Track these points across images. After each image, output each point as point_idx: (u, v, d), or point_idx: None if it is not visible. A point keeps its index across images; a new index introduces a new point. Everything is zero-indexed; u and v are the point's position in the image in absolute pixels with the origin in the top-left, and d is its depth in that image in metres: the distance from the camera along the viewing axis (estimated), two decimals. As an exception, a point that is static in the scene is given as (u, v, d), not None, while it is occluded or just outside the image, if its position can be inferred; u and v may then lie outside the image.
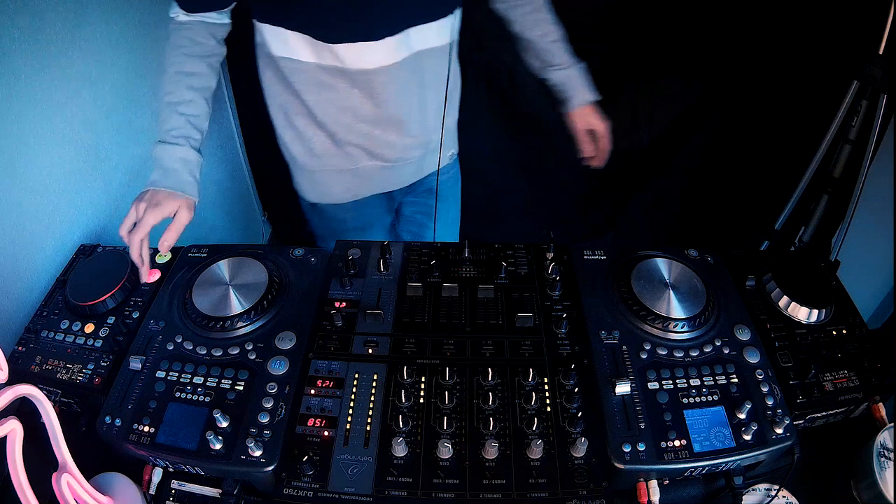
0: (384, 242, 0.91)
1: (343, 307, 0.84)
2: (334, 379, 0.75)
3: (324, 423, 0.71)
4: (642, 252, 0.89)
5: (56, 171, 0.96)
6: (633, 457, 0.68)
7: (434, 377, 0.75)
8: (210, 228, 1.57)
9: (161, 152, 0.91)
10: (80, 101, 1.00)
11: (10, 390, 0.57)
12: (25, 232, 0.90)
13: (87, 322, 0.83)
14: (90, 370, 0.78)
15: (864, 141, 1.24)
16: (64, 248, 0.97)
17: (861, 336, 0.82)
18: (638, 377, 0.75)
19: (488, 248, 0.93)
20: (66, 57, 0.96)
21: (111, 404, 0.72)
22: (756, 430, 0.69)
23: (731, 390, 0.74)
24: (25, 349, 0.81)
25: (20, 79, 0.87)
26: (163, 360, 0.76)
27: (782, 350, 0.79)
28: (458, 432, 0.70)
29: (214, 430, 0.69)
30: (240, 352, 0.77)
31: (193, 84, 0.93)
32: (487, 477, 0.67)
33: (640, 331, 0.80)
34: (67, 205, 1.00)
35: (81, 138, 1.02)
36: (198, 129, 0.94)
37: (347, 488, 0.66)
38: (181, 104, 0.92)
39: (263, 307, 0.81)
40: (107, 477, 0.72)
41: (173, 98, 0.92)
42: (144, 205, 0.86)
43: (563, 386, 0.75)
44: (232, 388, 0.74)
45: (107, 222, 1.10)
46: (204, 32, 0.94)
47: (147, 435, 0.70)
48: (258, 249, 0.91)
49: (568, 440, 0.70)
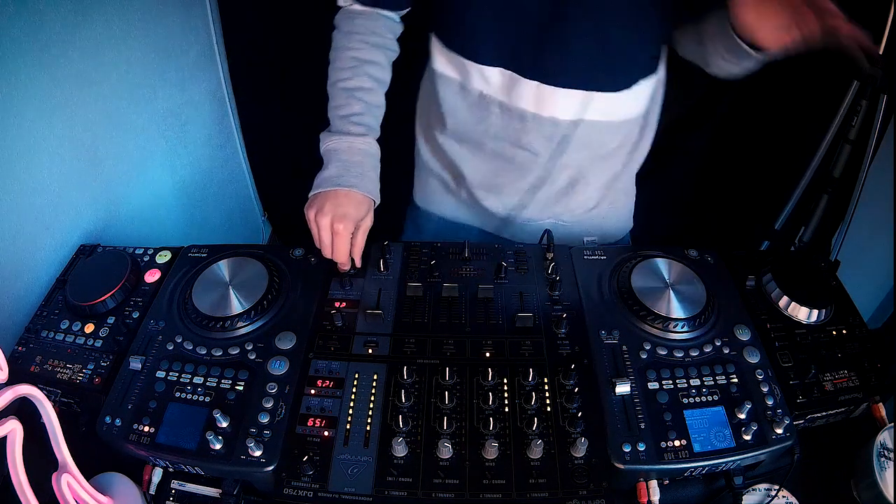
0: (384, 242, 0.91)
1: (343, 307, 0.84)
2: (334, 379, 0.75)
3: (324, 423, 0.71)
4: (642, 252, 0.89)
5: (56, 171, 0.96)
6: (633, 457, 0.68)
7: (434, 377, 0.75)
8: (210, 228, 1.57)
9: (338, 143, 0.80)
10: (80, 101, 1.00)
11: (10, 390, 0.57)
12: (25, 232, 0.90)
13: (87, 322, 0.83)
14: (90, 370, 0.78)
15: (864, 141, 1.24)
16: (64, 248, 0.97)
17: (861, 336, 0.82)
18: (638, 377, 0.75)
19: (488, 248, 0.93)
20: (66, 57, 0.96)
21: (111, 404, 0.72)
22: (756, 430, 0.69)
23: (731, 390, 0.74)
24: (25, 349, 0.81)
25: (20, 79, 0.87)
26: (163, 360, 0.76)
27: (782, 350, 0.79)
28: (458, 432, 0.70)
29: (214, 430, 0.69)
30: (240, 352, 0.77)
31: (372, 73, 0.84)
32: (487, 477, 0.67)
33: (640, 331, 0.80)
34: (67, 205, 1.00)
35: (81, 138, 1.02)
36: (378, 121, 0.84)
37: (347, 488, 0.66)
38: (361, 90, 0.82)
39: (263, 307, 0.81)
40: (107, 477, 0.72)
41: (351, 84, 0.82)
42: (329, 218, 0.76)
43: (563, 386, 0.75)
44: (232, 388, 0.74)
45: (107, 222, 1.10)
46: (381, 24, 0.87)
47: (147, 435, 0.70)
48: (258, 249, 0.91)
49: (568, 440, 0.70)
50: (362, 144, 0.82)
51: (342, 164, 0.80)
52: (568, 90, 0.82)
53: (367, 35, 0.85)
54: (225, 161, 1.63)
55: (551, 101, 0.84)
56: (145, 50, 1.18)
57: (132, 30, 1.13)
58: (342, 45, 0.85)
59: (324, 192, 0.79)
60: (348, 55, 0.84)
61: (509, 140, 0.91)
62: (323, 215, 0.78)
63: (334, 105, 0.84)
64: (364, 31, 0.85)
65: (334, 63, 0.86)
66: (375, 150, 0.84)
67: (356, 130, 0.81)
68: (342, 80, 0.84)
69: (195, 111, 1.40)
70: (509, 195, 1.00)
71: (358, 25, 0.86)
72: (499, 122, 0.89)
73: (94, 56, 1.03)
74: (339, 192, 0.79)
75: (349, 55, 0.84)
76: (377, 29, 0.87)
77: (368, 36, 0.85)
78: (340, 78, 0.84)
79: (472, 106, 0.90)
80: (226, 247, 0.92)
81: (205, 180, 1.51)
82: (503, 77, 0.84)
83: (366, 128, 0.82)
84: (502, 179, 0.98)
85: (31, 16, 0.87)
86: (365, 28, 0.86)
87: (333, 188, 0.79)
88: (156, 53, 1.21)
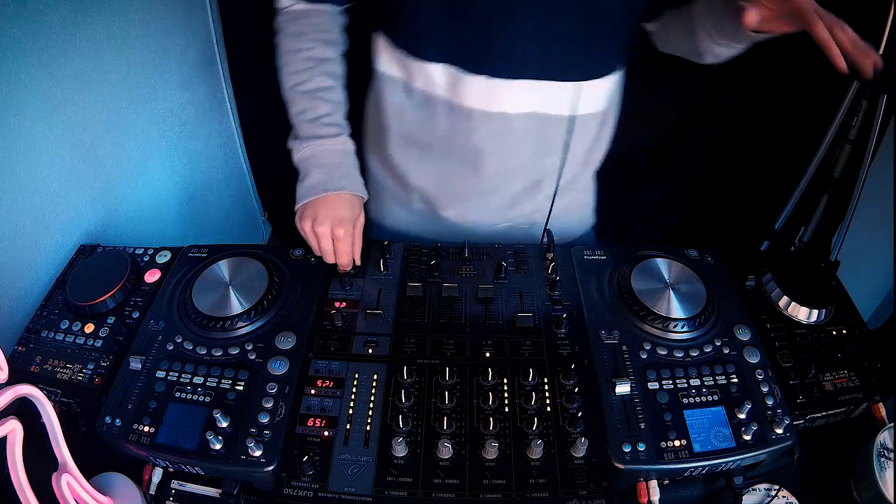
0: (384, 242, 0.91)
1: (343, 307, 0.84)
2: (334, 379, 0.75)
3: (324, 423, 0.71)
4: (642, 252, 0.89)
5: (56, 170, 0.96)
6: (633, 457, 0.68)
7: (434, 377, 0.75)
8: (210, 228, 1.57)
9: (314, 149, 0.78)
10: (80, 101, 1.00)
11: (10, 390, 0.57)
12: (25, 232, 0.90)
13: (87, 322, 0.83)
14: (90, 370, 0.78)
15: (864, 141, 1.24)
16: (64, 248, 0.97)
17: (861, 336, 0.82)
18: (638, 377, 0.75)
19: (488, 248, 0.93)
20: (66, 57, 0.96)
21: (111, 404, 0.72)
22: (756, 430, 0.69)
23: (731, 390, 0.74)
24: (25, 349, 0.81)
25: (20, 79, 0.86)
26: (163, 360, 0.76)
27: (782, 350, 0.79)
28: (458, 432, 0.70)
29: (214, 430, 0.69)
30: (240, 352, 0.77)
31: (329, 70, 0.82)
32: (487, 477, 0.67)
33: (640, 331, 0.80)
34: (67, 205, 1.00)
35: (81, 138, 1.02)
36: (346, 117, 0.82)
37: (347, 488, 0.66)
38: (323, 91, 0.80)
39: (263, 307, 0.81)
40: (107, 477, 0.72)
41: (311, 85, 0.80)
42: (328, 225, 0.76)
43: (563, 386, 0.75)
44: (232, 388, 0.74)
45: (107, 222, 1.10)
46: (328, 20, 0.84)
47: (147, 435, 0.70)
48: (258, 249, 0.91)
49: (568, 440, 0.70)
50: (338, 145, 0.81)
51: (324, 169, 0.79)
52: (516, 81, 0.80)
53: (317, 33, 0.83)
54: (225, 161, 1.63)
55: (499, 94, 0.81)
56: (145, 50, 1.18)
57: (132, 30, 1.13)
58: (292, 47, 0.83)
59: (313, 201, 0.79)
60: (301, 56, 0.82)
61: (458, 141, 0.88)
62: (320, 224, 0.78)
63: (298, 110, 0.82)
64: (312, 30, 0.83)
65: (287, 67, 0.83)
66: (351, 147, 0.83)
67: (329, 132, 0.80)
68: (300, 84, 0.81)
69: (195, 111, 1.40)
70: (462, 200, 0.96)
71: (304, 25, 0.83)
72: (445, 122, 0.86)
73: (94, 56, 1.03)
74: (330, 196, 0.78)
75: (302, 56, 0.82)
76: (325, 25, 0.84)
77: (318, 34, 0.83)
78: (298, 81, 0.81)
79: (417, 107, 0.87)
80: (226, 247, 0.92)
81: (205, 180, 1.51)
82: (446, 74, 0.81)
83: (337, 127, 0.81)
84: (454, 184, 0.94)
85: (31, 16, 0.87)
86: (313, 26, 0.83)
87: (322, 194, 0.78)
88: (156, 53, 1.21)
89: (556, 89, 0.82)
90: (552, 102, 0.83)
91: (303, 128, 0.81)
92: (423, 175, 0.96)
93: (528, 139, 0.87)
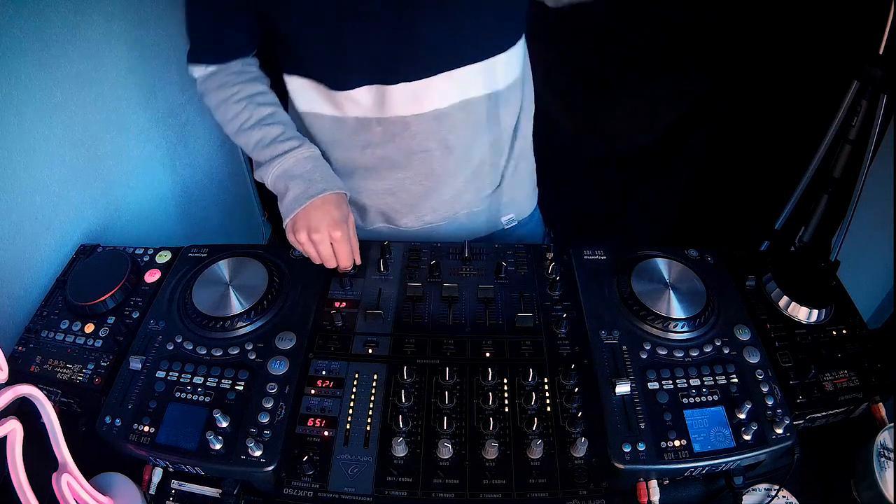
0: (384, 242, 0.91)
1: (343, 307, 0.84)
2: (334, 379, 0.75)
3: (324, 423, 0.71)
4: (642, 252, 0.89)
5: (56, 171, 0.96)
6: (633, 457, 0.68)
7: (434, 377, 0.75)
8: (210, 228, 1.57)
9: (283, 164, 0.80)
10: (79, 101, 1.00)
11: (10, 390, 0.57)
12: (25, 232, 0.90)
13: (87, 322, 0.83)
14: (90, 370, 0.78)
15: (864, 141, 1.24)
16: (64, 248, 0.97)
17: (861, 336, 0.82)
18: (638, 377, 0.75)
19: (488, 248, 0.93)
20: (66, 57, 0.96)
21: (111, 404, 0.72)
22: (756, 430, 0.69)
23: (731, 390, 0.74)
24: (25, 349, 0.81)
25: (20, 79, 0.87)
26: (163, 360, 0.76)
27: (782, 350, 0.79)
28: (458, 432, 0.70)
29: (214, 430, 0.69)
30: (240, 352, 0.77)
31: (263, 101, 0.85)
32: (487, 477, 0.67)
33: (640, 331, 0.80)
34: (67, 205, 1.00)
35: (81, 138, 1.02)
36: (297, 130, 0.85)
37: (347, 488, 0.66)
38: (266, 119, 0.83)
39: (263, 307, 0.81)
40: (107, 477, 0.72)
41: (253, 120, 0.83)
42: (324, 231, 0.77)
43: (563, 386, 0.75)
44: (232, 388, 0.74)
45: (107, 222, 1.10)
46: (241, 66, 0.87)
47: (147, 435, 0.70)
48: (258, 249, 0.91)
49: (568, 440, 0.70)
50: (305, 153, 0.82)
51: (300, 179, 0.80)
52: (436, 77, 0.82)
53: (237, 77, 0.85)
54: (225, 161, 1.63)
55: (426, 94, 0.83)
56: (145, 50, 1.18)
57: (132, 30, 1.13)
58: (221, 98, 0.85)
59: (301, 211, 0.79)
60: (232, 101, 0.84)
61: (400, 152, 0.89)
62: (315, 231, 0.78)
63: (252, 144, 0.83)
64: (233, 79, 0.85)
65: (225, 117, 0.85)
66: (317, 152, 0.84)
67: (290, 146, 0.81)
68: (244, 123, 0.83)
69: (195, 111, 1.40)
70: (416, 205, 0.98)
71: (223, 78, 0.86)
72: (382, 138, 0.88)
73: (94, 56, 1.03)
74: (316, 201, 0.79)
75: (233, 101, 0.84)
76: (241, 70, 0.87)
77: (238, 77, 0.86)
78: (240, 122, 0.83)
79: (351, 134, 0.88)
80: (226, 247, 0.92)
81: (205, 180, 1.51)
82: (370, 94, 0.83)
83: (296, 140, 0.82)
84: (404, 193, 0.95)
85: (31, 16, 0.87)
86: (232, 76, 0.86)
87: (307, 202, 0.79)
88: (156, 53, 1.21)
89: (475, 71, 0.84)
90: (475, 84, 0.86)
91: (264, 154, 0.82)
92: (371, 194, 0.97)
93: (464, 126, 0.89)
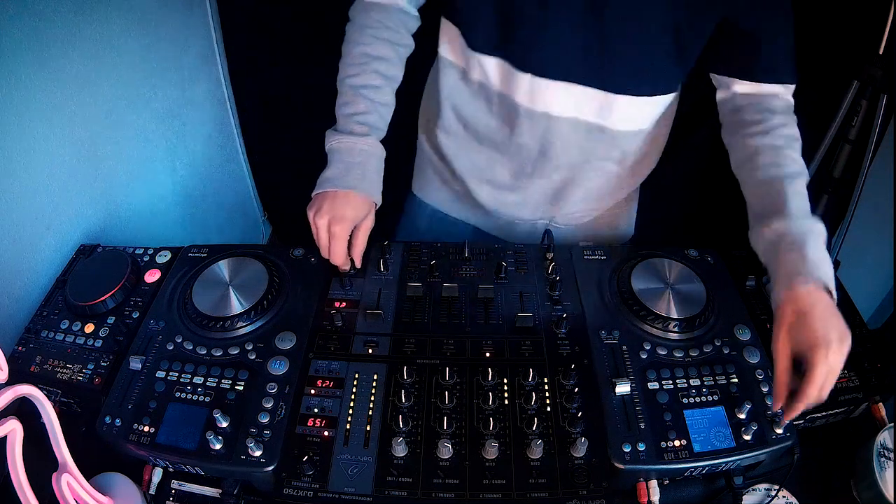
0: (384, 242, 0.91)
1: (343, 307, 0.84)
2: (334, 379, 0.75)
3: (324, 423, 0.71)
4: (642, 252, 0.89)
5: (56, 171, 0.96)
6: (633, 457, 0.68)
7: (434, 377, 0.75)
8: (210, 228, 1.58)
9: (340, 143, 0.79)
10: (79, 101, 1.00)
11: (10, 390, 0.57)
12: (25, 232, 0.90)
13: (87, 322, 0.83)
14: (90, 370, 0.78)
15: (864, 141, 1.24)
16: (64, 248, 0.97)
17: (861, 336, 0.82)
18: (638, 377, 0.75)
19: (488, 248, 0.93)
20: (66, 57, 0.96)
21: (111, 404, 0.72)
22: (756, 430, 0.69)
23: (731, 390, 0.74)
24: (25, 349, 0.81)
25: (20, 79, 0.87)
26: (163, 360, 0.76)
27: (782, 350, 0.79)
28: (458, 432, 0.70)
29: (214, 430, 0.69)
30: (240, 352, 0.77)
31: (381, 70, 0.82)
32: (487, 477, 0.67)
33: (640, 331, 0.80)
34: (67, 205, 1.00)
35: (81, 138, 1.02)
36: (384, 120, 0.83)
37: (347, 488, 0.66)
38: (367, 88, 0.81)
39: (263, 307, 0.81)
40: (107, 477, 0.72)
41: (358, 81, 0.81)
42: (326, 219, 0.77)
43: (563, 386, 0.75)
44: (232, 388, 0.74)
45: (107, 222, 1.10)
46: (396, 18, 0.85)
47: (147, 435, 0.70)
48: (258, 249, 0.91)
49: (568, 440, 0.70)
50: (364, 145, 0.80)
51: (344, 165, 0.79)
52: (558, 82, 0.80)
53: (379, 30, 0.83)
54: (225, 161, 1.64)
55: (543, 94, 0.82)
56: (145, 50, 1.18)
57: (132, 30, 1.13)
58: (353, 39, 0.83)
59: (323, 193, 0.79)
60: (358, 51, 0.82)
61: (503, 132, 0.91)
62: (321, 216, 0.78)
63: (341, 102, 0.83)
64: (376, 26, 0.83)
65: (344, 58, 0.84)
66: (378, 150, 0.82)
67: (359, 130, 0.80)
68: (350, 77, 0.82)
69: (195, 111, 1.41)
70: (500, 188, 1.00)
71: (371, 19, 0.83)
72: (497, 113, 0.89)
73: (94, 56, 1.03)
74: (339, 193, 0.78)
75: (359, 51, 0.82)
76: (390, 23, 0.84)
77: (380, 31, 0.83)
78: (349, 74, 0.82)
79: (472, 95, 0.90)
80: (226, 247, 0.92)
81: (205, 180, 1.51)
82: (499, 68, 0.83)
83: (369, 127, 0.81)
84: (495, 171, 0.97)
85: (31, 16, 0.87)
86: (378, 22, 0.83)
87: (333, 189, 0.79)
88: (156, 53, 1.21)
89: (598, 97, 0.82)
90: (594, 110, 0.84)
91: (339, 119, 0.82)
92: (466, 161, 0.99)
93: (568, 144, 0.88)
